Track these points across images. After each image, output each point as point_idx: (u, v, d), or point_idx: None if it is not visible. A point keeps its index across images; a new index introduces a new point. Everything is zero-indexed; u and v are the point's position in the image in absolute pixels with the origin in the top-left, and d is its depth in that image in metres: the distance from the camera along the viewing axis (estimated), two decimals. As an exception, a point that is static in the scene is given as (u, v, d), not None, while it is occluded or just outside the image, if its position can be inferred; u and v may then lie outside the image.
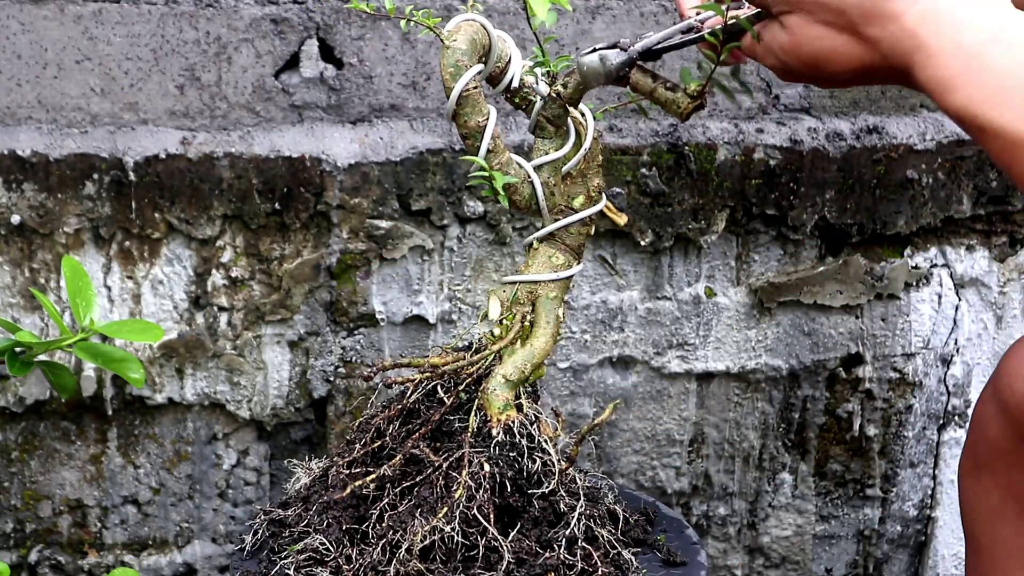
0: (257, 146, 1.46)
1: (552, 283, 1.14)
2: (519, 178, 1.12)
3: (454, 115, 1.10)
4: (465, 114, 1.09)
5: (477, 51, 1.09)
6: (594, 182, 1.15)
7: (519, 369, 1.12)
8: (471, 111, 1.09)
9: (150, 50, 1.44)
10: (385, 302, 1.52)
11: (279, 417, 1.55)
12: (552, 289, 1.15)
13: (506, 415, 1.10)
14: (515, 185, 1.12)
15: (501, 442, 1.09)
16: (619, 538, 1.13)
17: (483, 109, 1.09)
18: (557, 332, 1.15)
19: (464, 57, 1.08)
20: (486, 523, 1.05)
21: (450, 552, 1.05)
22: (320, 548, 1.08)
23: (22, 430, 1.52)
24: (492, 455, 1.09)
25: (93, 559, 1.57)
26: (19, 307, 1.47)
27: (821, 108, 1.58)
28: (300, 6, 1.45)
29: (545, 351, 1.14)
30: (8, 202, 1.43)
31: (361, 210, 1.48)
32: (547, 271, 1.15)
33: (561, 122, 1.12)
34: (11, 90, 1.43)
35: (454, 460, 1.09)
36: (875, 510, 1.70)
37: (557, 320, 1.15)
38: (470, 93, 1.09)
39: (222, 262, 1.48)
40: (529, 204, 1.14)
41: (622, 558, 1.10)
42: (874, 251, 1.60)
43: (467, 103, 1.09)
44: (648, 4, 1.51)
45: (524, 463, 1.09)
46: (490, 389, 1.12)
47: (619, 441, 1.62)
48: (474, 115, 1.09)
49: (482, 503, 1.06)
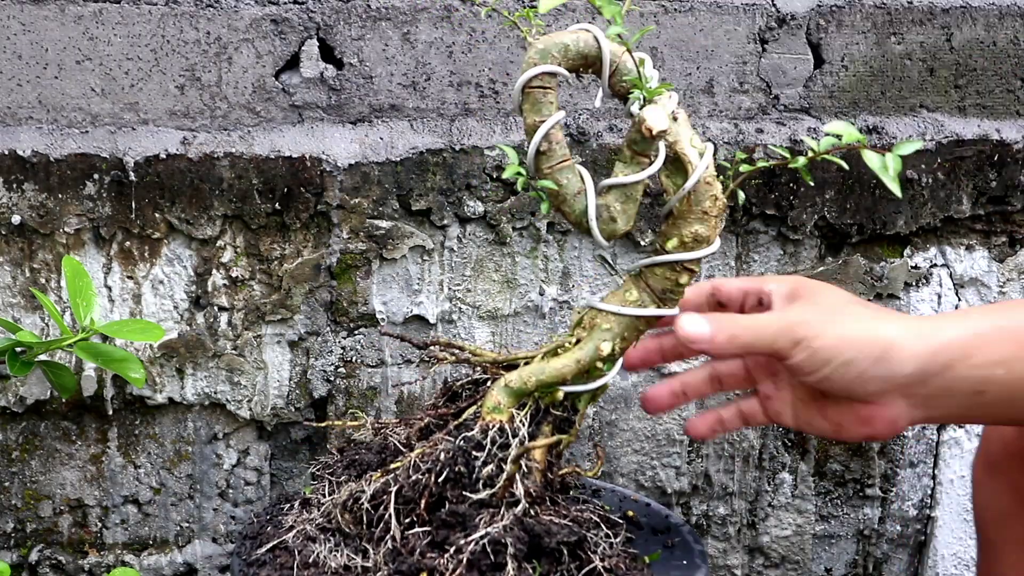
0: (257, 146, 1.46)
1: (611, 315, 1.09)
2: (571, 191, 1.07)
3: (520, 110, 1.07)
4: (527, 111, 1.06)
5: (569, 57, 1.05)
6: (693, 228, 1.07)
7: (522, 380, 1.09)
8: (530, 108, 1.06)
9: (150, 50, 1.44)
10: (385, 302, 1.52)
11: (279, 417, 1.55)
12: (608, 321, 1.09)
13: (491, 416, 1.09)
14: (564, 196, 1.07)
15: (469, 437, 1.08)
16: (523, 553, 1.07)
17: (544, 110, 1.06)
18: (590, 363, 1.09)
19: (536, 56, 1.05)
20: (394, 507, 1.06)
21: (358, 520, 1.07)
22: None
23: (23, 430, 1.52)
24: (453, 446, 1.08)
25: (93, 559, 1.57)
26: (19, 307, 1.47)
27: (821, 108, 1.58)
28: (300, 6, 1.45)
29: (558, 373, 1.09)
30: (8, 202, 1.43)
31: (361, 210, 1.48)
32: (616, 304, 1.09)
33: (643, 151, 1.06)
34: (12, 90, 1.43)
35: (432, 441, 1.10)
36: (875, 510, 1.70)
37: (596, 351, 1.09)
38: (532, 91, 1.05)
39: (222, 262, 1.48)
40: (580, 220, 1.08)
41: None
42: (874, 251, 1.60)
43: (528, 100, 1.06)
44: (648, 4, 1.51)
45: (476, 464, 1.07)
46: (492, 389, 1.11)
47: (619, 441, 1.62)
48: (532, 113, 1.06)
49: (418, 483, 1.06)
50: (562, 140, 1.07)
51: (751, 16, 1.54)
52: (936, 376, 1.02)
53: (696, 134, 1.07)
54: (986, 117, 1.61)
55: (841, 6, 1.55)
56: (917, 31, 1.57)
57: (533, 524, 1.06)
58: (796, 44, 1.55)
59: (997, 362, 1.01)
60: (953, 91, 1.60)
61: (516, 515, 1.05)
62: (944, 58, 1.59)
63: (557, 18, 1.49)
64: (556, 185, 1.07)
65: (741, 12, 1.53)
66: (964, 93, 1.60)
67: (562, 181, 1.07)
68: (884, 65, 1.58)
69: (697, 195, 1.06)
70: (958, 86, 1.60)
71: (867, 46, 1.57)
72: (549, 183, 1.07)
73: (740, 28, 1.53)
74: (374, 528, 1.08)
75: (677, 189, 1.06)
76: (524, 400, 1.10)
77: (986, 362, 1.02)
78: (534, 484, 1.08)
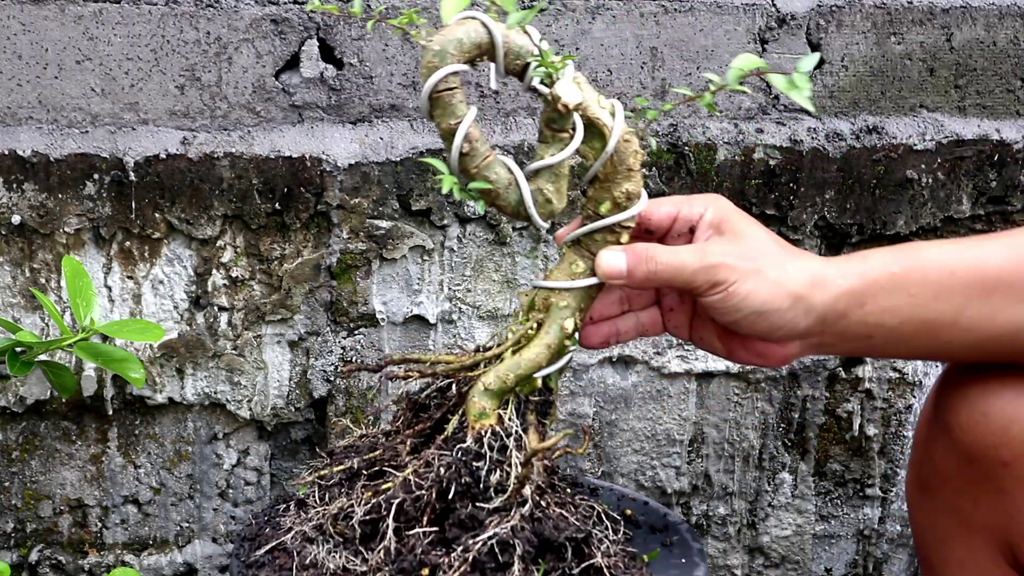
0: (257, 146, 1.46)
1: (564, 292, 1.08)
2: (502, 184, 1.06)
3: (430, 116, 1.04)
4: (438, 116, 1.03)
5: (465, 51, 1.03)
6: (623, 187, 1.06)
7: (500, 379, 1.08)
8: (443, 113, 1.03)
9: (150, 50, 1.44)
10: (385, 302, 1.52)
11: (279, 417, 1.55)
12: (564, 298, 1.09)
13: (480, 423, 1.08)
14: (497, 191, 1.05)
15: (466, 448, 1.07)
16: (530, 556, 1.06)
17: (457, 111, 1.03)
18: (560, 345, 1.09)
19: (435, 58, 1.02)
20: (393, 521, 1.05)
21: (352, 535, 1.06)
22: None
23: (22, 430, 1.52)
24: (452, 459, 1.06)
25: (93, 559, 1.57)
26: (19, 307, 1.47)
27: (821, 108, 1.58)
28: (300, 6, 1.45)
29: (534, 363, 1.08)
30: (8, 202, 1.43)
31: (361, 210, 1.48)
32: (564, 278, 1.09)
33: (562, 127, 1.05)
34: (11, 90, 1.43)
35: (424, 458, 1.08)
36: (875, 510, 1.70)
37: (562, 332, 1.08)
38: (441, 95, 1.02)
39: (222, 262, 1.48)
40: (517, 210, 1.07)
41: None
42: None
43: (438, 105, 1.03)
44: (648, 4, 1.51)
45: (481, 474, 1.06)
46: (471, 396, 1.09)
47: (619, 441, 1.62)
48: (446, 117, 1.03)
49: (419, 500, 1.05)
50: (481, 137, 1.05)
51: (751, 16, 1.53)
52: (832, 324, 1.07)
53: (600, 94, 1.06)
54: (986, 117, 1.61)
55: (841, 6, 1.55)
56: (917, 31, 1.57)
57: (541, 523, 1.06)
58: (796, 44, 1.55)
59: (885, 309, 1.07)
60: (953, 91, 1.60)
61: (524, 515, 1.05)
62: (944, 58, 1.59)
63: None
64: (488, 183, 1.05)
65: (741, 12, 1.53)
66: (964, 93, 1.60)
67: (492, 177, 1.06)
68: (884, 65, 1.58)
69: (620, 154, 1.06)
70: (958, 86, 1.60)
71: (867, 46, 1.57)
72: (480, 183, 1.05)
73: (740, 28, 1.53)
74: (372, 542, 1.07)
75: (596, 153, 1.06)
76: (506, 398, 1.09)
77: (876, 309, 1.07)
78: (540, 477, 1.08)
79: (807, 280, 1.06)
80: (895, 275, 1.08)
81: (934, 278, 1.08)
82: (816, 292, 1.06)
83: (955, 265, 1.08)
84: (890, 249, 1.12)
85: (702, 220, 1.11)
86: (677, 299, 1.15)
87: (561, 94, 1.02)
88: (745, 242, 1.08)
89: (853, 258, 1.10)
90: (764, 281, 1.05)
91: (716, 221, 1.10)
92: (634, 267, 1.06)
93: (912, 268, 1.08)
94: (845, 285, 1.07)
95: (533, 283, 1.11)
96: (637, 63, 1.52)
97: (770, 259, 1.07)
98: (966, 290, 1.07)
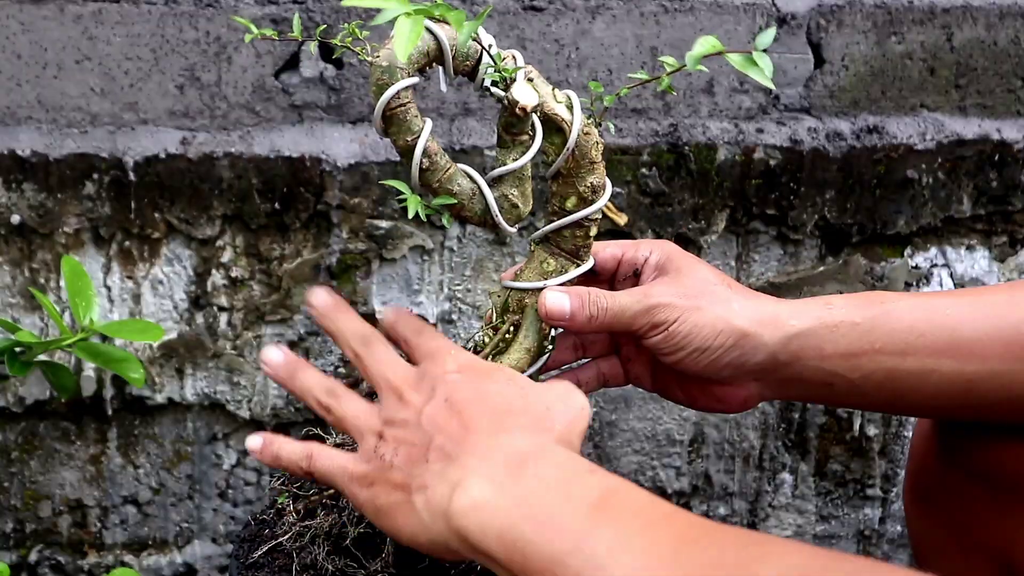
0: (257, 146, 1.46)
1: (539, 292, 1.06)
2: (466, 195, 1.03)
3: (385, 134, 1.01)
4: (394, 134, 1.00)
5: (415, 61, 0.99)
6: (587, 181, 1.04)
7: None
8: (398, 130, 0.99)
9: (150, 50, 1.44)
10: (385, 302, 1.52)
11: (279, 417, 1.55)
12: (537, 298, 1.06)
13: None
14: (461, 203, 1.03)
15: None
16: None
17: (413, 126, 0.99)
18: (539, 347, 1.07)
19: (384, 75, 0.98)
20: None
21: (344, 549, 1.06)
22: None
23: (22, 430, 1.52)
24: None
25: (93, 559, 1.57)
26: (19, 307, 1.47)
27: (821, 108, 1.58)
28: (300, 6, 1.45)
29: (516, 367, 1.06)
30: (8, 202, 1.43)
31: (361, 210, 1.48)
32: (536, 277, 1.07)
33: (521, 130, 1.02)
34: (11, 90, 1.43)
35: None
36: (875, 510, 1.70)
37: (540, 334, 1.07)
38: (394, 112, 0.99)
39: (222, 262, 1.48)
40: (484, 219, 1.05)
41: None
42: (874, 251, 1.60)
43: (393, 122, 0.99)
44: (648, 4, 1.51)
45: None
46: None
47: (619, 441, 1.62)
48: (402, 134, 0.99)
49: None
50: (439, 150, 1.02)
51: (751, 16, 1.53)
52: (787, 366, 1.04)
53: (553, 87, 1.04)
54: (987, 117, 1.61)
55: (841, 6, 1.55)
56: (918, 31, 1.57)
57: None
58: (796, 44, 1.55)
59: (845, 356, 1.03)
60: (954, 91, 1.60)
61: None
62: (945, 58, 1.58)
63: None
64: (452, 197, 1.03)
65: (741, 12, 1.53)
66: (965, 93, 1.60)
67: (454, 189, 1.03)
68: (884, 65, 1.58)
69: (581, 148, 1.04)
70: (959, 86, 1.60)
71: (867, 46, 1.57)
72: (444, 198, 1.03)
73: (740, 28, 1.53)
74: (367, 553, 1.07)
75: (557, 149, 1.04)
76: None
77: (835, 356, 1.03)
78: None
79: (755, 318, 1.03)
80: (857, 325, 1.04)
81: (901, 337, 1.03)
82: (766, 330, 1.03)
83: (924, 327, 1.03)
84: (855, 297, 1.07)
85: (647, 263, 1.09)
86: (634, 348, 1.12)
87: (518, 98, 0.99)
88: (688, 280, 1.06)
89: (813, 302, 1.06)
90: (706, 317, 1.03)
91: (660, 263, 1.08)
92: (577, 310, 1.04)
93: (877, 322, 1.04)
94: (800, 326, 1.03)
95: (503, 283, 1.10)
96: (637, 63, 1.52)
97: (714, 296, 1.04)
98: (935, 354, 1.03)
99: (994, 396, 1.03)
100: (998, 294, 1.05)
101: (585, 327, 1.05)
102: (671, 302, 1.03)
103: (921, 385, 1.04)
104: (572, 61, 1.50)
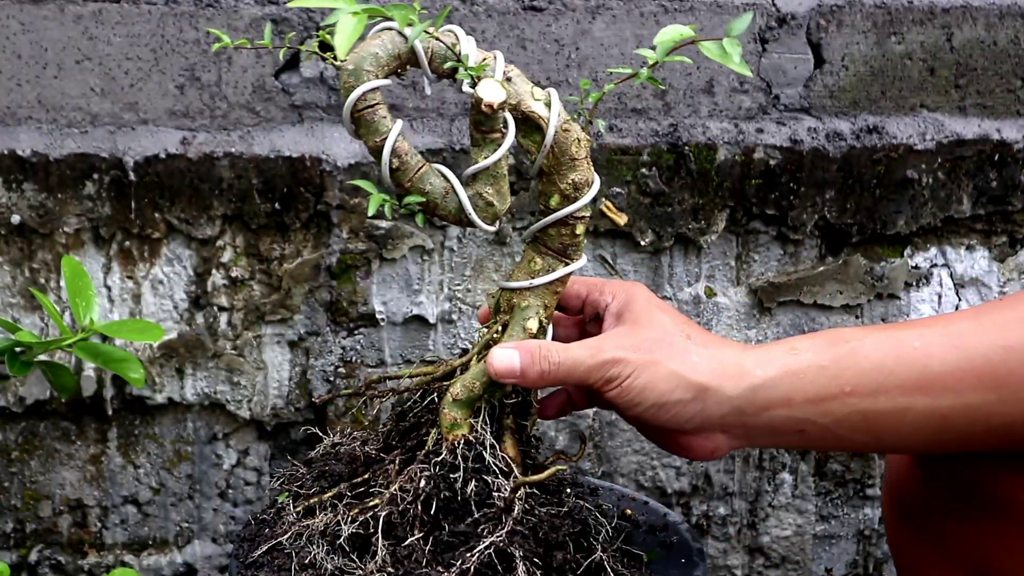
0: (257, 146, 1.46)
1: (526, 291, 1.06)
2: (438, 193, 1.03)
3: (356, 135, 1.02)
4: (363, 135, 1.01)
5: (382, 64, 1.00)
6: (569, 178, 1.04)
7: (467, 388, 1.06)
8: (367, 132, 1.01)
9: (150, 50, 1.44)
10: (385, 302, 1.52)
11: (279, 417, 1.55)
12: (525, 298, 1.06)
13: (452, 435, 1.06)
14: (434, 201, 1.03)
15: (442, 462, 1.05)
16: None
17: (382, 127, 1.01)
18: None
19: (351, 78, 0.99)
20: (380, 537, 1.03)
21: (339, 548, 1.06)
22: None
23: (22, 430, 1.52)
24: (432, 474, 1.05)
25: (93, 559, 1.57)
26: (19, 307, 1.47)
27: (821, 108, 1.58)
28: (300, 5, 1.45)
29: None
30: (8, 202, 1.43)
31: (361, 210, 1.48)
32: (525, 277, 1.06)
33: (491, 128, 1.02)
34: (11, 90, 1.43)
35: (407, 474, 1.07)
36: (875, 510, 1.70)
37: (525, 332, 1.06)
38: (362, 114, 1.00)
39: (222, 262, 1.48)
40: (459, 217, 1.04)
41: None
42: (874, 251, 1.60)
43: (361, 124, 1.01)
44: (648, 4, 1.51)
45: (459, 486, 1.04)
46: (442, 407, 1.07)
47: (619, 441, 1.62)
48: (371, 135, 1.01)
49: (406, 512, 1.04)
50: (410, 149, 1.02)
51: (751, 16, 1.53)
52: (754, 416, 1.02)
53: (534, 85, 1.04)
54: (986, 117, 1.61)
55: (841, 6, 1.55)
56: (917, 31, 1.57)
57: (536, 524, 1.05)
58: (796, 44, 1.55)
59: (814, 401, 1.01)
60: (953, 91, 1.60)
61: (515, 518, 1.04)
62: (944, 58, 1.58)
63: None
64: (422, 196, 1.03)
65: (741, 12, 1.53)
66: (964, 93, 1.60)
67: (426, 188, 1.03)
68: (884, 65, 1.58)
69: (560, 145, 1.03)
70: (958, 86, 1.60)
71: (867, 46, 1.57)
72: (415, 197, 1.03)
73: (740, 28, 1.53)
74: (362, 553, 1.06)
75: (537, 147, 1.03)
76: (477, 405, 1.07)
77: (804, 402, 1.01)
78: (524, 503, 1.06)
79: (715, 370, 1.01)
80: (825, 368, 1.01)
81: (871, 376, 1.01)
82: (728, 382, 1.01)
83: (893, 364, 1.01)
84: (819, 338, 1.05)
85: (607, 310, 1.08)
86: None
87: (483, 95, 0.99)
88: (644, 331, 1.03)
89: (777, 347, 1.04)
90: (661, 371, 1.00)
91: (619, 310, 1.06)
92: (528, 367, 1.02)
93: (844, 363, 1.01)
94: (764, 376, 1.01)
95: (499, 284, 1.10)
96: (637, 63, 1.52)
97: (671, 349, 1.02)
98: (908, 392, 1.01)
99: (971, 429, 1.01)
100: (963, 322, 1.02)
101: (537, 383, 1.03)
102: (624, 357, 1.01)
103: (897, 424, 1.02)
104: (572, 61, 1.51)
